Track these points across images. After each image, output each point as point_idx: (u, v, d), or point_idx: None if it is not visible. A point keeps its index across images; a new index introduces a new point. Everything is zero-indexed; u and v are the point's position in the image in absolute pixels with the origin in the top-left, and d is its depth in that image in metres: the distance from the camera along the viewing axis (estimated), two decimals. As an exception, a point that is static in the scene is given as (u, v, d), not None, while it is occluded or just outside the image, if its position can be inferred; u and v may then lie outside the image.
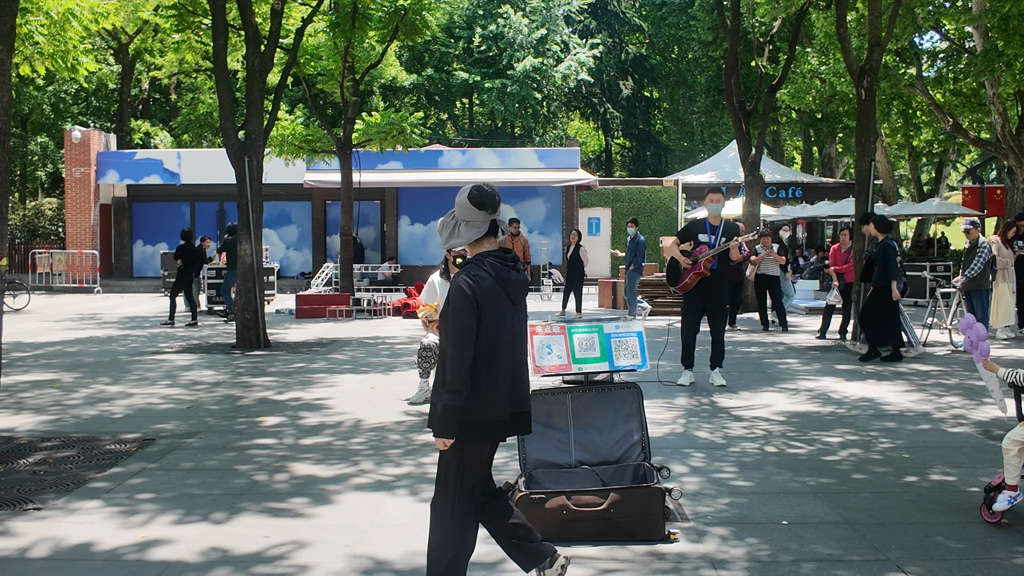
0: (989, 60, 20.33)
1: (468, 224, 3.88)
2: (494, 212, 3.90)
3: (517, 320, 3.91)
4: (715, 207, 9.77)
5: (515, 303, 3.90)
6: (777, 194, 31.30)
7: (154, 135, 36.71)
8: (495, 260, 3.87)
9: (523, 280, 3.94)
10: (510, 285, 3.87)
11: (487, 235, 3.91)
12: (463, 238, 3.90)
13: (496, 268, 3.84)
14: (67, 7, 12.08)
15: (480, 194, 3.87)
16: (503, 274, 3.84)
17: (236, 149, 13.18)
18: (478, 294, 3.73)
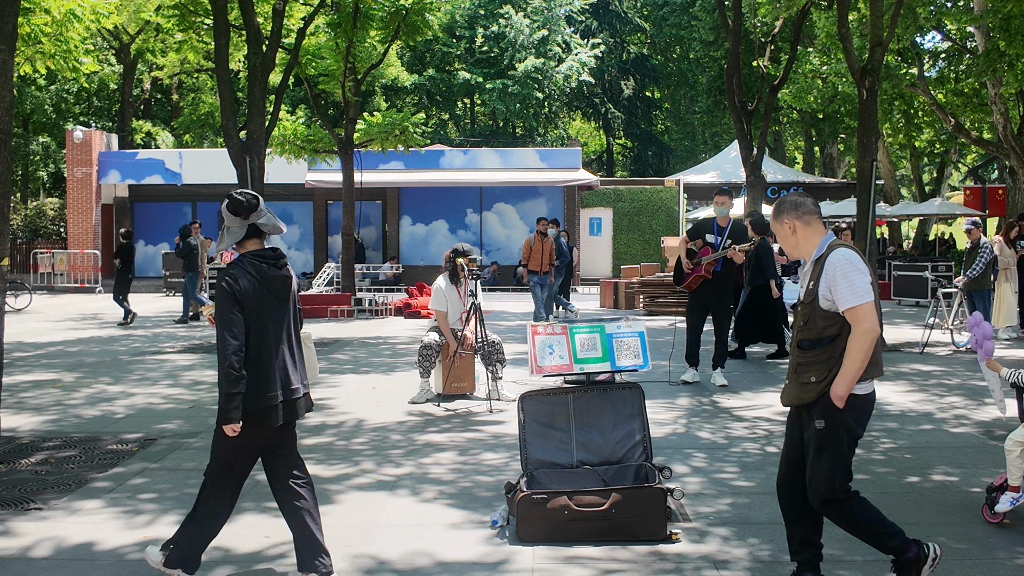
0: (991, 60, 20.32)
1: (229, 230, 4.32)
2: (249, 217, 4.29)
3: (282, 313, 4.28)
4: (722, 210, 9.78)
5: (279, 298, 4.27)
6: (779, 194, 31.14)
7: (156, 135, 36.74)
8: (255, 259, 4.25)
9: (284, 276, 4.29)
10: (271, 281, 4.24)
11: (249, 237, 4.31)
12: (226, 243, 4.32)
13: (256, 267, 4.22)
14: (69, 7, 12.10)
15: (234, 202, 4.31)
16: (263, 271, 4.22)
17: (238, 149, 13.18)
18: (236, 291, 4.11)
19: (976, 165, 41.71)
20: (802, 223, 4.12)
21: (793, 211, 4.13)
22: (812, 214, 4.12)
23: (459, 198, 28.20)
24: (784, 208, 4.15)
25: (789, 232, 4.15)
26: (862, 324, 3.84)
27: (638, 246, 28.36)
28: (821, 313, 3.98)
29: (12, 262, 27.67)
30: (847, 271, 3.89)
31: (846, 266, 3.91)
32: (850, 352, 3.86)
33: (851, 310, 3.86)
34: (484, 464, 6.56)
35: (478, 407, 8.66)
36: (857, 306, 3.85)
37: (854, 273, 3.89)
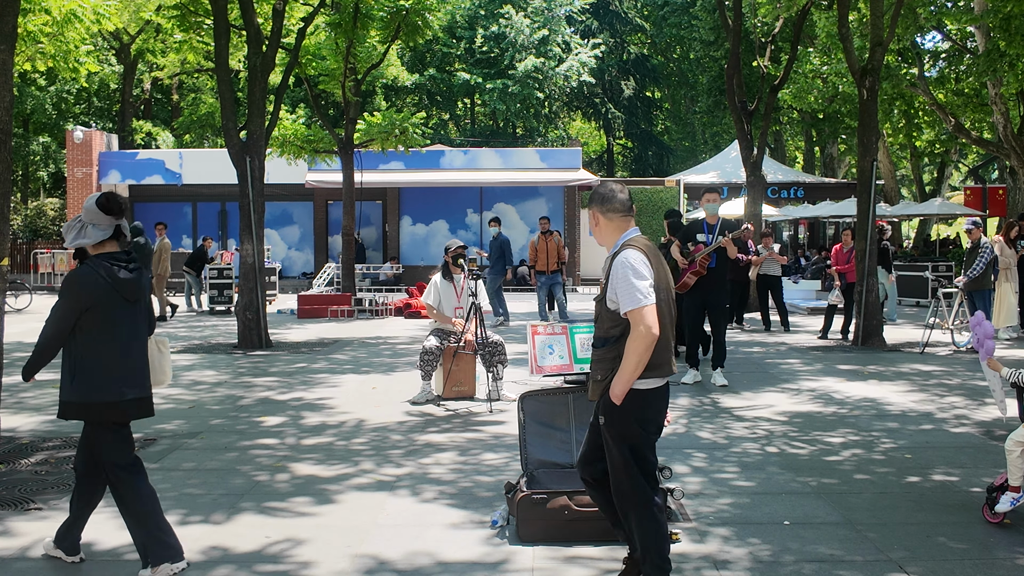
0: (991, 60, 20.31)
1: (95, 226, 4.39)
2: (119, 218, 4.40)
3: (130, 314, 4.45)
4: (711, 207, 9.79)
5: (128, 300, 4.42)
6: (779, 194, 31.29)
7: (156, 135, 36.74)
8: (110, 261, 4.38)
9: (136, 280, 4.44)
10: (121, 283, 4.38)
11: (111, 238, 4.43)
12: (89, 239, 4.39)
13: (108, 269, 4.36)
14: (69, 7, 12.09)
15: (108, 200, 4.37)
16: (114, 274, 4.36)
17: (238, 149, 13.18)
18: (84, 290, 4.30)
19: (976, 165, 41.71)
20: (605, 218, 4.15)
21: (600, 204, 4.17)
22: (617, 211, 4.13)
23: (459, 198, 28.20)
24: (594, 199, 4.20)
25: (593, 223, 4.23)
26: (638, 327, 3.86)
27: (638, 246, 28.35)
28: (607, 313, 4.04)
29: (12, 262, 27.67)
30: (627, 274, 3.91)
31: (626, 269, 3.92)
32: (627, 352, 3.90)
33: (629, 312, 3.89)
34: (484, 464, 6.55)
35: (478, 407, 8.66)
36: (634, 309, 3.87)
37: (634, 276, 3.89)
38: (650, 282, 3.92)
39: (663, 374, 4.03)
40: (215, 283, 19.46)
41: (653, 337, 3.87)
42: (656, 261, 4.04)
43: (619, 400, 3.95)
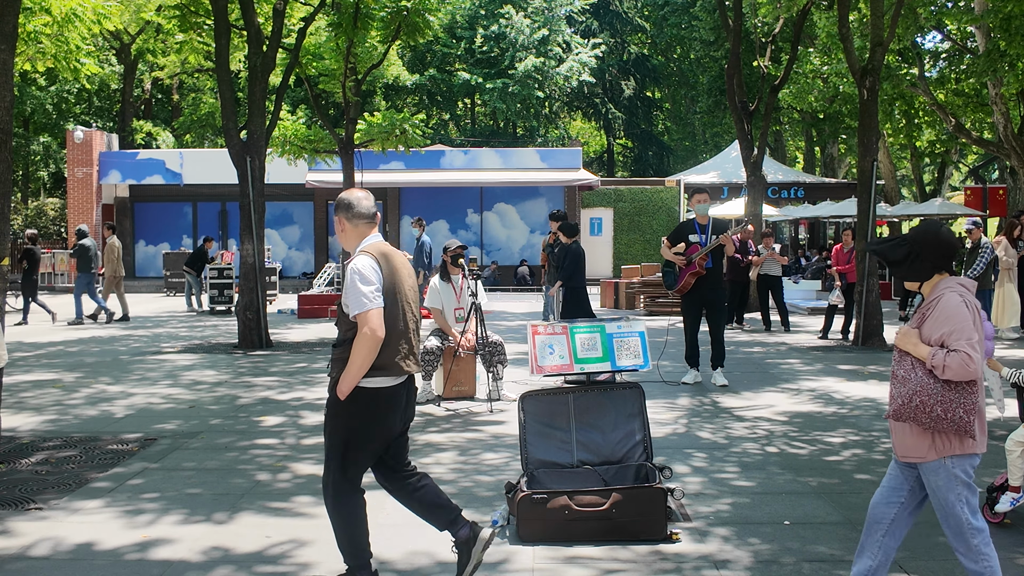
0: (992, 60, 20.31)
1: None
2: None
3: None
4: (702, 207, 9.80)
5: None
6: (779, 194, 31.27)
7: (156, 135, 36.74)
8: None
9: None
10: None
11: None
12: None
13: None
14: (70, 7, 12.09)
15: None
16: None
17: (238, 149, 13.18)
18: None
19: (977, 165, 41.69)
20: (351, 224, 4.32)
21: (346, 211, 4.32)
22: (361, 218, 4.31)
23: (460, 198, 28.19)
24: (341, 206, 4.35)
25: (340, 228, 4.36)
26: (363, 329, 4.04)
27: (639, 246, 28.37)
28: (343, 316, 4.20)
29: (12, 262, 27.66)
30: (355, 280, 4.09)
31: (355, 275, 4.11)
32: (352, 352, 4.07)
33: (357, 316, 4.07)
34: (484, 464, 6.55)
35: (478, 407, 8.66)
36: (360, 313, 4.05)
37: (361, 282, 4.07)
38: (377, 287, 4.09)
39: (392, 375, 4.17)
40: (215, 283, 19.47)
41: (377, 339, 4.03)
42: (388, 267, 4.19)
43: (343, 396, 4.11)
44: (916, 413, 3.66)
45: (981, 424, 3.73)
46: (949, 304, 3.69)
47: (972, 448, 3.71)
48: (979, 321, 3.76)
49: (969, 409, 3.63)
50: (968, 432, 3.64)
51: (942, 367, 3.59)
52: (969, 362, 3.55)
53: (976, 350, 3.59)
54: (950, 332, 3.63)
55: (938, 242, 3.79)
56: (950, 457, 3.71)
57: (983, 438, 3.75)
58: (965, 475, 3.73)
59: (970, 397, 3.65)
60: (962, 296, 3.72)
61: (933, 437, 3.70)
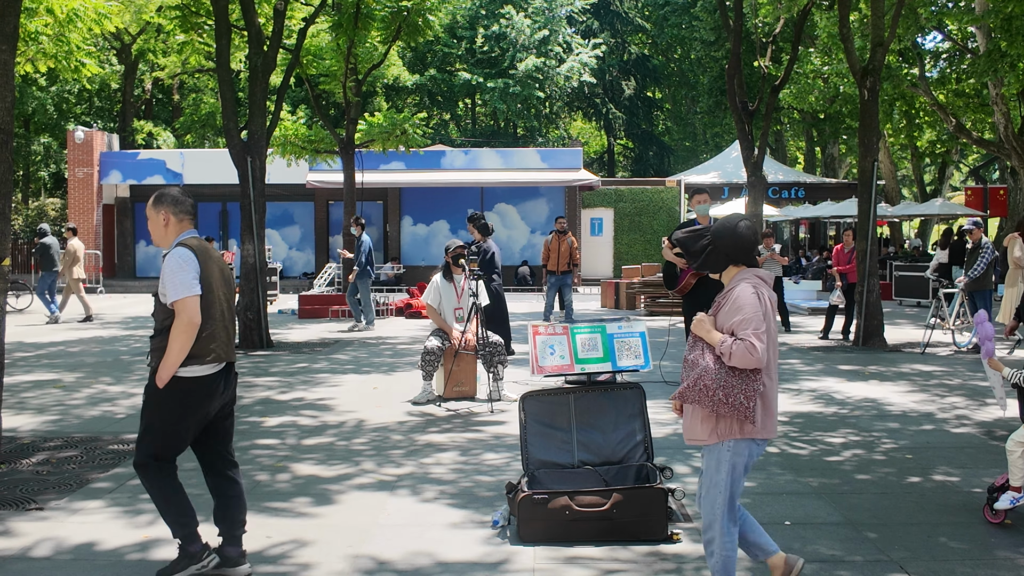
0: (992, 60, 20.30)
1: None
2: None
3: None
4: (703, 208, 9.79)
5: None
6: (780, 194, 31.27)
7: (157, 135, 36.75)
8: None
9: None
10: None
11: None
12: None
13: None
14: (71, 7, 12.10)
15: None
16: None
17: (239, 149, 13.19)
18: None
19: (977, 165, 41.67)
20: (176, 219, 4.45)
21: (173, 206, 4.45)
22: (186, 213, 4.48)
23: (460, 198, 28.19)
24: (166, 200, 4.46)
25: (163, 223, 4.45)
26: (181, 316, 4.18)
27: (639, 246, 28.37)
28: (160, 306, 4.32)
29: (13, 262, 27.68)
30: (173, 269, 4.24)
31: (172, 264, 4.25)
32: (170, 340, 4.21)
33: (174, 303, 4.21)
34: (485, 464, 6.56)
35: (479, 407, 8.66)
36: (178, 300, 4.20)
37: (179, 271, 4.23)
38: (194, 276, 4.24)
39: (209, 363, 4.30)
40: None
41: (194, 325, 4.18)
42: (205, 258, 4.34)
43: (162, 384, 4.23)
44: (700, 396, 3.80)
45: (766, 410, 3.89)
46: (742, 295, 3.85)
47: (752, 433, 3.86)
48: (771, 313, 3.92)
49: (750, 395, 3.77)
50: (748, 417, 3.78)
51: (728, 354, 3.75)
52: (753, 350, 3.70)
53: (762, 340, 3.74)
54: (739, 321, 3.79)
55: (734, 237, 3.94)
56: (729, 441, 3.87)
57: (769, 424, 3.90)
58: (741, 462, 3.90)
59: (752, 384, 3.79)
60: (755, 288, 3.88)
61: (716, 422, 3.86)
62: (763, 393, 3.85)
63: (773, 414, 3.94)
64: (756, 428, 3.86)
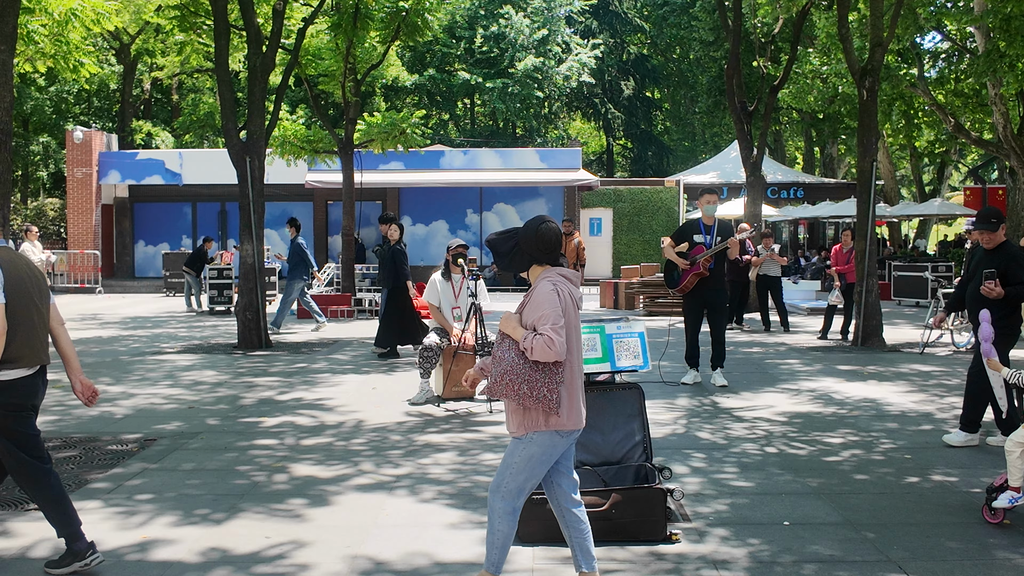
0: (991, 61, 20.30)
1: None
2: None
3: None
4: (710, 208, 9.79)
5: None
6: (779, 194, 31.30)
7: (156, 135, 36.73)
8: None
9: None
10: None
11: None
12: None
13: None
14: (69, 7, 12.09)
15: None
16: None
17: (238, 150, 13.18)
18: None
19: (976, 165, 41.71)
20: None
21: None
22: None
23: (459, 198, 28.19)
24: None
25: None
26: None
27: (638, 246, 28.37)
28: None
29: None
30: None
31: None
32: None
33: None
34: (483, 464, 6.55)
35: (478, 408, 8.66)
36: None
37: None
38: (1, 285, 4.33)
39: (24, 366, 4.42)
40: (215, 283, 19.45)
41: (2, 333, 4.28)
42: (12, 267, 4.43)
43: None
44: (506, 390, 3.98)
45: (571, 401, 4.07)
46: (541, 292, 4.04)
47: (557, 425, 4.04)
48: (573, 308, 4.10)
49: (552, 388, 3.96)
50: (552, 409, 3.96)
51: (530, 348, 3.93)
52: (551, 344, 3.88)
53: (559, 334, 3.91)
54: (539, 317, 3.97)
55: (536, 237, 4.12)
56: (534, 433, 4.05)
57: (573, 415, 4.07)
58: (544, 453, 4.06)
59: (554, 377, 3.98)
60: (555, 285, 4.06)
61: (524, 414, 4.04)
62: (566, 385, 4.04)
63: (578, 406, 4.11)
64: (561, 420, 4.03)
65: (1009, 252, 6.87)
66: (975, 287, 6.93)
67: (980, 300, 6.80)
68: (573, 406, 4.08)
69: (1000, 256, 6.83)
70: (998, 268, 6.73)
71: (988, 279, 6.67)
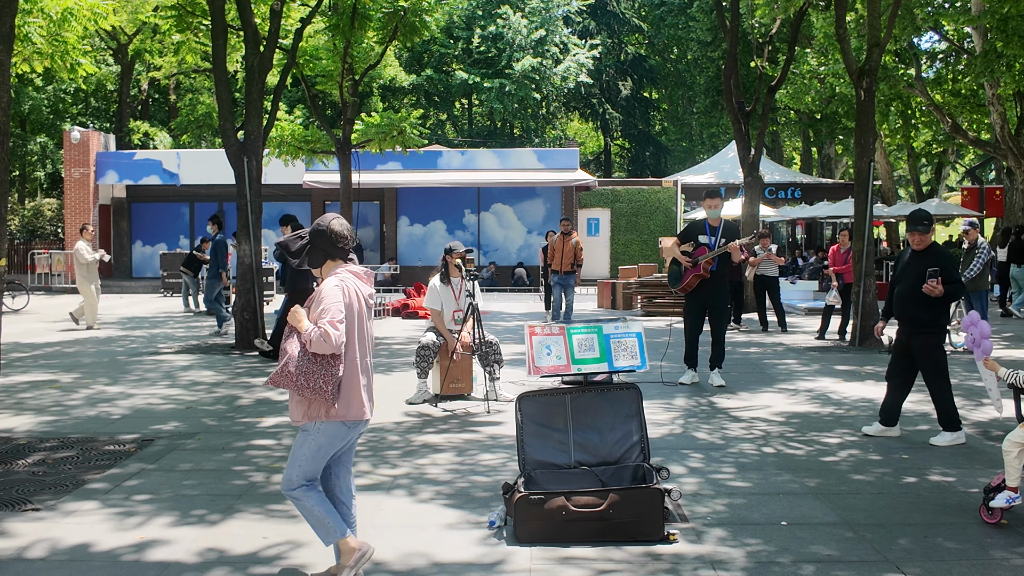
0: (988, 61, 20.33)
1: None
2: None
3: None
4: (714, 212, 9.79)
5: None
6: (776, 195, 31.30)
7: (153, 136, 36.69)
8: None
9: None
10: None
11: None
12: None
13: None
14: (65, 6, 12.08)
15: None
16: None
17: (235, 150, 13.17)
18: None
19: (974, 166, 41.76)
20: None
21: None
22: None
23: (457, 199, 28.19)
24: None
25: None
26: None
27: (636, 247, 28.37)
28: None
29: (10, 263, 27.65)
30: None
31: None
32: None
33: None
34: (481, 465, 6.55)
35: (475, 408, 8.65)
36: None
37: None
38: None
39: None
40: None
41: None
42: None
43: None
44: (286, 381, 4.13)
45: (352, 393, 4.25)
46: (326, 287, 4.23)
47: (338, 416, 4.22)
48: (359, 304, 4.28)
49: (328, 380, 4.14)
50: (328, 400, 4.16)
51: (309, 341, 4.09)
52: (327, 337, 4.05)
53: (337, 328, 4.09)
54: (320, 311, 4.14)
55: (326, 234, 4.33)
56: (318, 423, 4.23)
57: (355, 407, 4.25)
58: (327, 442, 4.25)
59: (331, 369, 4.16)
60: (341, 281, 4.26)
61: (308, 405, 4.21)
62: (347, 377, 4.22)
63: (359, 397, 4.27)
64: (341, 411, 4.21)
65: (941, 253, 7.17)
66: (906, 288, 7.15)
67: (911, 300, 7.07)
68: (354, 397, 4.25)
69: (933, 257, 7.09)
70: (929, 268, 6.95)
71: (932, 277, 6.90)
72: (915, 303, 7.09)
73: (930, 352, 7.19)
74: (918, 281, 7.04)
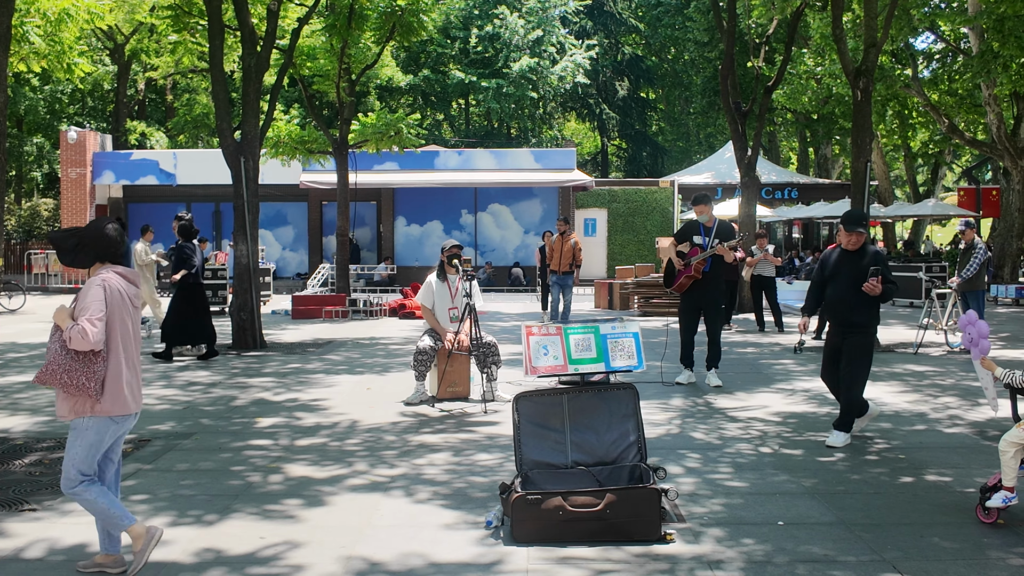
0: (985, 61, 20.37)
1: None
2: None
3: None
4: (703, 217, 9.80)
5: None
6: (773, 195, 31.35)
7: (150, 136, 36.67)
8: None
9: None
10: None
11: None
12: None
13: None
14: (62, 6, 12.07)
15: None
16: None
17: (232, 150, 13.17)
18: None
19: (970, 166, 41.81)
20: None
21: None
22: None
23: (454, 199, 28.19)
24: None
25: None
26: None
27: (633, 247, 28.39)
28: None
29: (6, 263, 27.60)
30: None
31: None
32: None
33: None
34: (478, 465, 6.55)
35: (472, 408, 8.65)
36: None
37: None
38: None
39: None
40: (209, 284, 19.41)
41: None
42: None
43: None
44: (50, 378, 4.24)
45: (117, 389, 4.35)
46: (89, 287, 4.33)
47: (105, 411, 4.34)
48: (123, 303, 4.39)
49: (90, 376, 4.25)
50: (92, 396, 4.26)
51: (68, 338, 4.20)
52: (85, 334, 4.16)
53: (95, 325, 4.21)
54: (80, 309, 4.27)
55: (99, 236, 4.48)
56: (86, 417, 4.34)
57: (120, 402, 4.37)
58: (97, 435, 4.36)
59: (93, 366, 4.27)
60: (104, 280, 4.36)
61: (74, 401, 4.31)
62: (111, 373, 4.32)
63: (124, 393, 4.38)
64: (106, 407, 4.32)
65: (875, 253, 7.14)
66: (841, 290, 7.04)
67: (846, 302, 6.98)
68: (120, 393, 4.36)
69: (868, 257, 7.04)
70: (865, 269, 6.91)
71: (872, 276, 6.85)
72: (850, 305, 6.95)
73: (861, 345, 7.04)
74: (854, 282, 6.93)
